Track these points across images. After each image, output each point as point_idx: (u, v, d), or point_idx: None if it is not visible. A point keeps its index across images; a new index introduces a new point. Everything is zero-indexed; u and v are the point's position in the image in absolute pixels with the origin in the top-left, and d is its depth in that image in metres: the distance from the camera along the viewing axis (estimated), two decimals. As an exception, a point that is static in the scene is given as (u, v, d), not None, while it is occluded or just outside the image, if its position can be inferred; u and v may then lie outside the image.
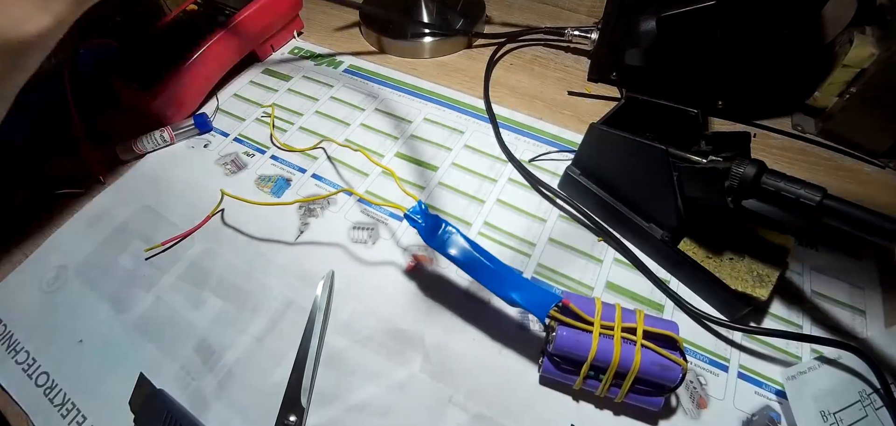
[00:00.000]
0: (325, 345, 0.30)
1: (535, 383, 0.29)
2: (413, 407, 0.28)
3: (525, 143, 0.42)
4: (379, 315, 0.31)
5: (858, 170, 0.39)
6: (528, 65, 0.50)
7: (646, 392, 0.26)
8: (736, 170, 0.26)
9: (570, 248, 0.35)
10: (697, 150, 0.30)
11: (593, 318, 0.25)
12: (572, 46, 0.51)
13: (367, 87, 0.48)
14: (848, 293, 0.32)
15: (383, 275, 0.33)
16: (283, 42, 0.54)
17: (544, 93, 0.47)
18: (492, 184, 0.39)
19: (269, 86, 0.49)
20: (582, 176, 0.36)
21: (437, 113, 0.45)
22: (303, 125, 0.44)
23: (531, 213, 0.37)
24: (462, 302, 0.32)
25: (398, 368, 0.29)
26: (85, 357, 0.30)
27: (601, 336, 0.25)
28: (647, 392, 0.26)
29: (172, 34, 0.46)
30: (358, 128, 0.44)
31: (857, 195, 0.37)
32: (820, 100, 0.40)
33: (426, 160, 0.41)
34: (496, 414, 0.27)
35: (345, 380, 0.29)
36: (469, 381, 0.29)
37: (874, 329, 0.30)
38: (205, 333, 0.31)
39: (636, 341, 0.25)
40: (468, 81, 0.49)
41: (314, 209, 0.37)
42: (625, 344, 0.25)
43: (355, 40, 0.55)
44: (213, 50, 0.44)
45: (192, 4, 0.48)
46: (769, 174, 0.26)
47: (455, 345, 0.30)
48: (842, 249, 0.34)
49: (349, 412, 0.28)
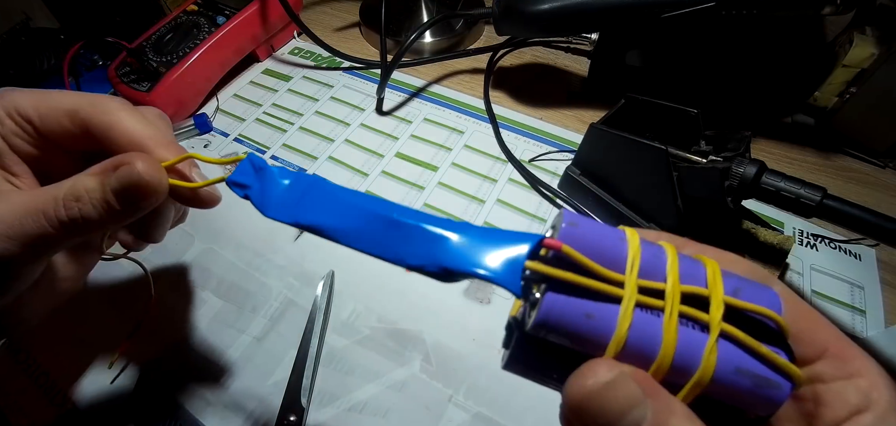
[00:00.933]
0: (325, 345, 0.30)
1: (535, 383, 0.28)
2: (413, 407, 0.28)
3: (525, 143, 0.42)
4: (379, 315, 0.31)
5: (858, 170, 0.39)
6: (528, 65, 0.50)
7: (718, 418, 0.13)
8: (736, 170, 0.26)
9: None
10: (697, 150, 0.30)
11: (624, 272, 0.13)
12: (572, 47, 0.51)
13: (367, 87, 0.48)
14: (848, 293, 0.32)
15: (383, 275, 0.33)
16: (283, 42, 0.54)
17: (544, 93, 0.47)
18: (492, 184, 0.39)
19: (269, 86, 0.49)
20: (582, 176, 0.36)
21: (437, 113, 0.45)
22: (303, 125, 0.44)
23: (531, 213, 0.37)
24: (462, 302, 0.32)
25: (398, 368, 0.29)
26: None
27: (638, 309, 0.13)
28: (719, 418, 0.13)
29: (172, 34, 0.46)
30: (358, 128, 0.44)
31: (858, 195, 0.37)
32: (820, 100, 0.40)
33: (426, 160, 0.41)
34: (496, 414, 0.27)
35: (345, 380, 0.29)
36: (469, 381, 0.29)
37: (874, 329, 0.30)
38: (205, 333, 0.31)
39: (710, 324, 0.13)
40: (468, 81, 0.49)
41: (314, 209, 0.37)
42: (685, 329, 0.13)
43: (355, 40, 0.55)
44: (213, 50, 0.44)
45: (192, 4, 0.48)
46: (769, 174, 0.26)
47: (455, 345, 0.30)
48: (842, 249, 0.34)
49: (349, 412, 0.28)
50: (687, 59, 0.41)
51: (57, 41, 0.51)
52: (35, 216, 0.18)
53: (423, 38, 0.50)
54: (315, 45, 0.50)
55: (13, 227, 0.18)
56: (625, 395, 0.12)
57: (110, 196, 0.18)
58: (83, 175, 0.19)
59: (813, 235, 0.35)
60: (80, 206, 0.18)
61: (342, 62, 0.50)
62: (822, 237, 0.35)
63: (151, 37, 0.46)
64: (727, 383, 0.12)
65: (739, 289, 0.13)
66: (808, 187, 0.25)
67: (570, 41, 0.51)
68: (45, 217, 0.18)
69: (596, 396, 0.12)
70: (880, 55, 0.35)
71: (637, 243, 0.13)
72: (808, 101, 0.41)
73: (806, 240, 0.35)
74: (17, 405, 0.29)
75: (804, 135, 0.41)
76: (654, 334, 0.12)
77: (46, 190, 0.19)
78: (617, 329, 0.12)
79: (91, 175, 0.19)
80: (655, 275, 0.13)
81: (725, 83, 0.42)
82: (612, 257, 0.13)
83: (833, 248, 0.34)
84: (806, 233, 0.35)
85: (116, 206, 0.19)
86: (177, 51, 0.44)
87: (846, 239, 0.34)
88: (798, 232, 0.35)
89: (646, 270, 0.13)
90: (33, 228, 0.18)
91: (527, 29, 0.41)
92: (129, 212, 0.19)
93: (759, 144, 0.41)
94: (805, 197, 0.25)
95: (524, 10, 0.37)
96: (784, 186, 0.25)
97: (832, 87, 0.39)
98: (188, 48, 0.44)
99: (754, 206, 0.33)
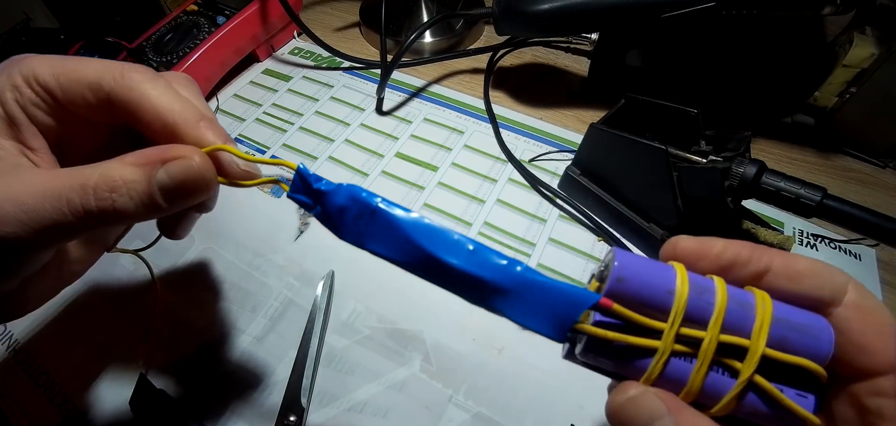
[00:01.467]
0: (325, 345, 0.30)
1: (535, 383, 0.29)
2: (413, 407, 0.28)
3: (525, 143, 0.42)
4: (379, 315, 0.31)
5: (858, 170, 0.39)
6: (528, 65, 0.50)
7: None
8: (736, 169, 0.26)
9: (570, 248, 0.35)
10: (697, 150, 0.30)
11: (667, 320, 0.14)
12: (572, 47, 0.51)
13: (367, 87, 0.48)
14: (848, 293, 0.32)
15: (383, 275, 0.33)
16: (283, 42, 0.54)
17: (544, 93, 0.47)
18: (492, 184, 0.39)
19: (269, 86, 0.49)
20: (582, 176, 0.36)
21: (437, 113, 0.45)
22: (303, 125, 0.44)
23: (531, 213, 0.37)
24: (462, 302, 0.32)
25: (398, 368, 0.29)
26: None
27: (673, 357, 0.14)
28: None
29: (172, 34, 0.46)
30: (358, 128, 0.44)
31: (857, 195, 0.37)
32: (820, 100, 0.40)
33: (426, 160, 0.41)
34: (496, 414, 0.27)
35: (345, 380, 0.29)
36: (469, 381, 0.29)
37: (874, 329, 0.30)
38: (204, 333, 0.31)
39: (741, 378, 0.14)
40: (468, 81, 0.49)
41: (314, 209, 0.37)
42: (715, 374, 0.14)
43: (355, 40, 0.55)
44: (213, 50, 0.44)
45: (192, 4, 0.48)
46: (769, 174, 0.26)
47: (455, 345, 0.30)
48: (842, 249, 0.34)
49: (349, 412, 0.28)
50: (687, 59, 0.41)
51: (57, 41, 0.51)
52: (54, 200, 0.16)
53: (423, 38, 0.50)
54: (315, 45, 0.50)
55: (27, 210, 0.16)
56: (650, 408, 0.14)
57: (156, 191, 0.17)
58: (117, 163, 0.17)
59: (813, 235, 0.35)
60: (115, 198, 0.17)
61: (342, 62, 0.50)
62: (822, 237, 0.35)
63: (151, 37, 0.46)
64: (749, 414, 0.14)
65: (786, 339, 0.14)
66: (808, 187, 0.25)
67: (570, 41, 0.51)
68: (67, 204, 0.16)
69: (625, 408, 0.14)
70: (880, 55, 0.35)
71: (685, 297, 0.14)
72: (808, 101, 0.41)
73: (806, 240, 0.35)
74: (18, 406, 0.29)
75: (804, 135, 0.41)
76: (683, 377, 0.14)
77: (70, 173, 0.17)
78: (647, 373, 0.14)
79: (130, 165, 0.17)
80: (701, 317, 0.14)
81: (725, 83, 0.42)
82: (657, 304, 0.14)
83: (833, 248, 0.34)
84: (806, 234, 0.35)
85: (161, 202, 0.17)
86: (177, 51, 0.44)
87: (846, 239, 0.34)
88: (798, 232, 0.35)
89: (691, 314, 0.14)
90: (50, 214, 0.16)
91: (527, 29, 0.41)
92: (173, 208, 0.18)
93: (759, 144, 0.41)
94: (805, 197, 0.25)
95: (524, 10, 0.37)
96: (784, 186, 0.25)
97: (832, 87, 0.39)
98: (188, 48, 0.44)
99: (754, 206, 0.33)
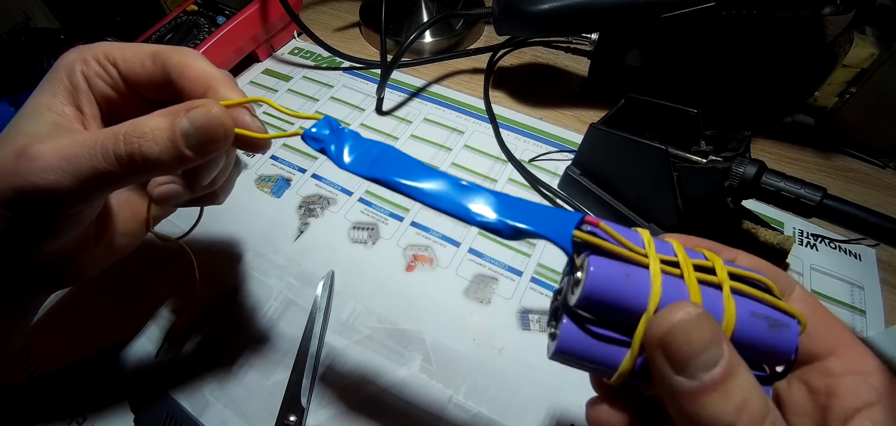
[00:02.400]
0: (325, 345, 0.30)
1: (535, 383, 0.29)
2: (413, 407, 0.28)
3: (525, 143, 0.42)
4: (379, 315, 0.31)
5: (858, 170, 0.39)
6: (528, 65, 0.50)
7: None
8: (736, 170, 0.26)
9: (570, 248, 0.34)
10: (697, 150, 0.30)
11: (644, 249, 0.15)
12: (572, 47, 0.51)
13: (366, 87, 0.48)
14: (848, 293, 0.32)
15: (383, 276, 0.33)
16: (283, 42, 0.54)
17: (544, 93, 0.47)
18: (492, 184, 0.39)
19: (269, 86, 0.49)
20: (582, 176, 0.36)
21: (437, 113, 0.45)
22: (303, 125, 0.44)
23: (531, 213, 0.37)
24: (462, 302, 0.32)
25: (398, 368, 0.29)
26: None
27: (664, 275, 0.15)
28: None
29: (172, 34, 0.46)
30: (358, 128, 0.44)
31: (857, 195, 0.37)
32: (820, 100, 0.40)
33: (426, 160, 0.41)
34: (496, 414, 0.27)
35: (345, 380, 0.29)
36: (469, 381, 0.29)
37: (874, 329, 0.30)
38: (204, 333, 0.31)
39: (720, 283, 0.15)
40: (468, 81, 0.49)
41: (314, 209, 0.37)
42: (704, 288, 0.15)
43: (355, 40, 0.55)
44: (213, 50, 0.44)
45: (192, 4, 0.48)
46: (769, 174, 0.26)
47: (455, 345, 0.30)
48: (842, 249, 0.34)
49: (349, 412, 0.28)
50: (687, 59, 0.41)
51: (57, 41, 0.51)
52: (90, 148, 0.18)
53: (423, 38, 0.50)
54: (315, 45, 0.50)
55: (68, 158, 0.18)
56: (708, 332, 0.13)
57: (178, 137, 0.18)
58: (147, 116, 0.19)
59: (813, 235, 0.35)
60: (142, 142, 0.18)
61: (342, 62, 0.50)
62: (822, 237, 0.35)
63: (151, 37, 0.46)
64: (748, 329, 0.14)
65: (734, 259, 0.17)
66: (808, 187, 0.25)
67: (570, 41, 0.51)
68: (101, 152, 0.18)
69: (682, 329, 0.13)
70: (880, 55, 0.35)
71: (649, 234, 0.16)
72: (808, 101, 0.41)
73: (806, 240, 0.35)
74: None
75: (804, 135, 0.41)
76: (682, 291, 0.15)
77: (107, 129, 0.19)
78: (652, 286, 0.14)
79: (158, 115, 0.19)
80: (667, 254, 0.15)
81: (725, 83, 0.42)
82: (632, 242, 0.15)
83: (833, 248, 0.34)
84: (806, 233, 0.35)
85: (183, 147, 0.18)
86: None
87: (846, 239, 0.34)
88: (798, 232, 0.35)
89: (659, 251, 0.15)
90: (88, 162, 0.18)
91: (527, 29, 0.41)
92: (196, 155, 0.19)
93: (759, 144, 0.41)
94: (805, 197, 0.25)
95: (524, 10, 0.37)
96: (784, 186, 0.25)
97: (832, 87, 0.39)
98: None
99: (754, 206, 0.34)
